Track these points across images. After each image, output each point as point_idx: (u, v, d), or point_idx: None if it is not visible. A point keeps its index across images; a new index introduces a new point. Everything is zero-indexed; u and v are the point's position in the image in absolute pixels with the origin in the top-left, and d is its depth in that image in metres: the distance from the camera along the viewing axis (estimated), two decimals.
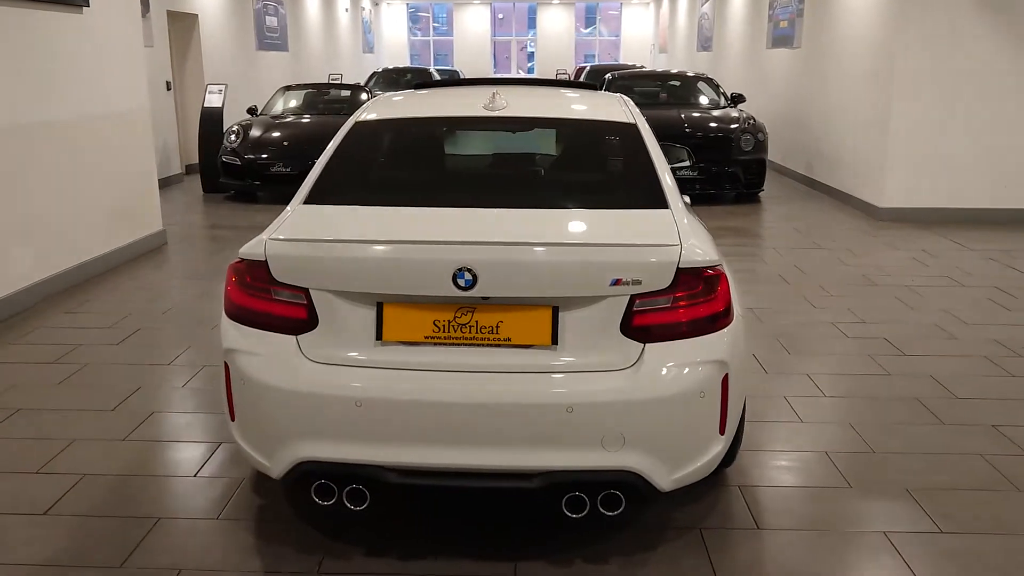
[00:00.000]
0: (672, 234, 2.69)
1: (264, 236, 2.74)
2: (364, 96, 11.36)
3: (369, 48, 24.39)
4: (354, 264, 2.60)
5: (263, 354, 2.66)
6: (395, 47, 27.98)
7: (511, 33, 28.70)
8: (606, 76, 12.11)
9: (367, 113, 3.54)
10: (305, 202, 3.04)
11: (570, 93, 3.83)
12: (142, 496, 3.23)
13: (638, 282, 2.55)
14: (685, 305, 2.61)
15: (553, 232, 2.70)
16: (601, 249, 2.58)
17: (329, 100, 11.56)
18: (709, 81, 11.68)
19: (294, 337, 2.66)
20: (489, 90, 3.71)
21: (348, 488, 2.63)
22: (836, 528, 3.02)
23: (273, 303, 2.68)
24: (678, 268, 2.58)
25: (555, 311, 2.57)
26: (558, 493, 2.60)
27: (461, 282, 2.51)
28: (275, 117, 10.76)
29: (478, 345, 2.59)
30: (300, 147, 9.80)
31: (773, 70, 12.96)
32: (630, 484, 2.59)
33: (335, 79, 16.07)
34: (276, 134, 10.13)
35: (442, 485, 2.61)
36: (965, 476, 3.40)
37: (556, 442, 2.53)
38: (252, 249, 2.72)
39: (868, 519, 3.08)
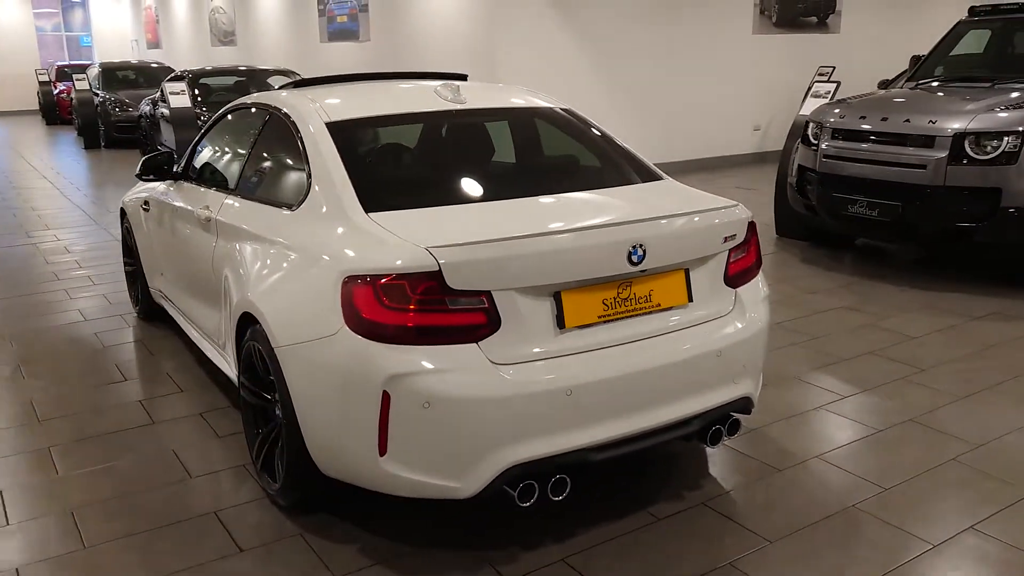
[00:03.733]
0: (718, 197, 3.19)
1: (409, 245, 2.53)
2: None
3: None
4: (537, 259, 2.58)
5: (451, 368, 2.50)
6: None
7: None
8: (177, 74, 11.35)
9: (326, 113, 3.27)
10: (369, 211, 2.81)
11: (477, 84, 3.95)
12: None
13: (734, 237, 3.02)
14: (750, 252, 3.15)
15: (665, 205, 2.99)
16: (716, 213, 2.97)
17: None
18: (287, 73, 11.75)
19: (475, 344, 2.54)
20: (417, 84, 3.72)
21: (554, 479, 2.64)
22: (796, 412, 3.87)
23: (449, 314, 2.52)
24: (748, 222, 3.10)
25: (687, 273, 2.90)
26: (705, 430, 2.96)
27: (634, 258, 2.70)
28: None
29: (639, 315, 2.80)
30: None
31: (334, 63, 13.40)
32: (744, 408, 3.08)
33: None
34: None
35: (630, 451, 2.76)
36: (804, 363, 4.54)
37: (707, 385, 2.90)
38: (409, 261, 2.49)
39: (804, 402, 3.99)
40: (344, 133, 3.19)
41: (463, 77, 4.22)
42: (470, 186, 3.27)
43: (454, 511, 3.04)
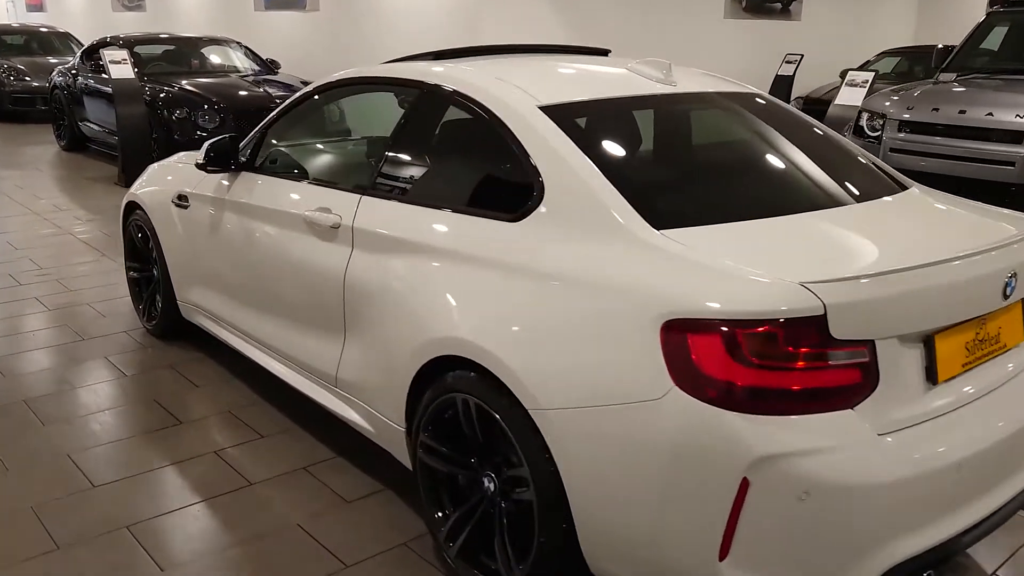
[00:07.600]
0: (1006, 210, 2.66)
1: (775, 279, 1.87)
2: None
3: None
4: (923, 296, 1.97)
5: (835, 445, 1.86)
6: None
7: None
8: (107, 39, 10.02)
9: (529, 94, 2.53)
10: (661, 228, 2.12)
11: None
12: None
13: None
14: None
15: (988, 221, 2.44)
16: None
17: None
18: (234, 44, 10.62)
19: (850, 410, 1.91)
20: (591, 59, 3.04)
21: None
22: None
23: (828, 371, 1.88)
24: None
25: (1022, 304, 2.35)
26: None
27: (1008, 290, 2.13)
28: None
29: (991, 358, 2.23)
30: None
31: (275, 35, 12.27)
32: None
33: None
34: None
35: (989, 531, 2.20)
36: None
37: None
38: (783, 302, 1.83)
39: None
40: (568, 120, 2.46)
41: (605, 52, 3.55)
42: (761, 193, 2.57)
43: None
